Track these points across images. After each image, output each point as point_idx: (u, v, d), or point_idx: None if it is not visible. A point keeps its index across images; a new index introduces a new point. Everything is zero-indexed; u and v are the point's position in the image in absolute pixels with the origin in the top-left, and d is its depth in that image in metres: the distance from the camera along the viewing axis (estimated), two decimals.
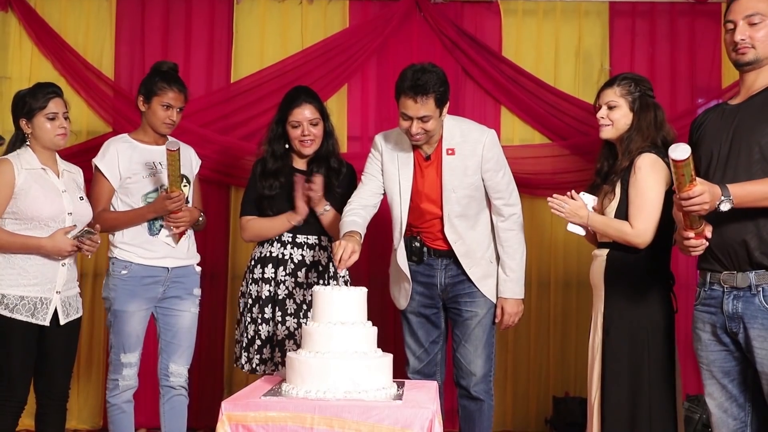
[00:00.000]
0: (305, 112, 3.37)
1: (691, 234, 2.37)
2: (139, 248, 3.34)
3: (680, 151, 2.15)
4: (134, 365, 3.33)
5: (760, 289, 2.41)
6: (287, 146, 3.45)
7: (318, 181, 3.32)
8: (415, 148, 3.27)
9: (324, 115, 3.45)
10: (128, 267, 3.32)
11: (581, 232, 3.05)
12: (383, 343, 2.77)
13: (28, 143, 3.18)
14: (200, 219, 3.46)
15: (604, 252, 2.97)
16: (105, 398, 3.37)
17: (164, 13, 4.61)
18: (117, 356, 3.32)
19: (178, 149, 3.10)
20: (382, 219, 3.51)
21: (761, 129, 2.43)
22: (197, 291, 3.49)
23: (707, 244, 2.41)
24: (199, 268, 3.53)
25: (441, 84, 3.10)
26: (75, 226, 3.15)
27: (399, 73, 3.23)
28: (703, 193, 2.23)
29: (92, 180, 3.40)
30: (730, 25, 2.51)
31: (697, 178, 2.27)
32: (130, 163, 3.35)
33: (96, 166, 3.36)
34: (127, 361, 3.32)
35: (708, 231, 2.38)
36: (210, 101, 4.56)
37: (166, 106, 3.34)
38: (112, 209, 3.37)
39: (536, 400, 4.60)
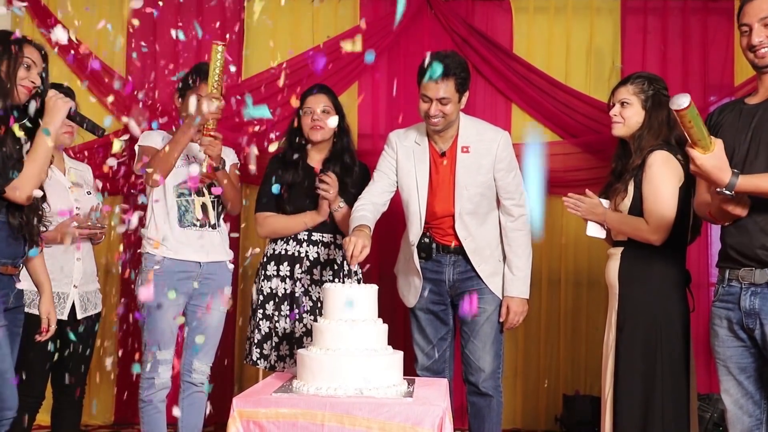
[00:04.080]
0: (317, 100, 3.43)
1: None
2: (171, 240, 3.30)
3: (679, 101, 2.18)
4: (169, 362, 3.29)
5: None
6: (302, 141, 3.47)
7: (330, 179, 3.33)
8: (431, 141, 3.30)
9: (339, 110, 3.48)
10: (160, 262, 3.27)
11: (602, 235, 3.06)
12: (394, 341, 2.78)
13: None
14: (220, 166, 3.30)
15: (619, 250, 2.98)
16: (139, 396, 3.32)
17: (176, 12, 4.59)
18: (153, 354, 3.28)
19: (225, 44, 3.04)
20: (392, 216, 3.52)
21: None
22: (228, 289, 3.44)
23: (744, 211, 2.41)
24: (231, 266, 3.50)
25: (462, 70, 3.16)
26: (78, 214, 3.19)
27: (413, 67, 3.31)
28: (699, 162, 2.28)
29: (139, 157, 3.34)
30: (745, 29, 2.48)
31: (718, 144, 2.31)
32: None
33: (139, 146, 3.34)
34: (163, 358, 3.28)
35: (742, 209, 2.41)
36: None
37: None
38: (149, 200, 3.34)
39: (546, 398, 4.61)
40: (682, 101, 2.17)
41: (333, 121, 3.29)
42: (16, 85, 2.51)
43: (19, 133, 2.51)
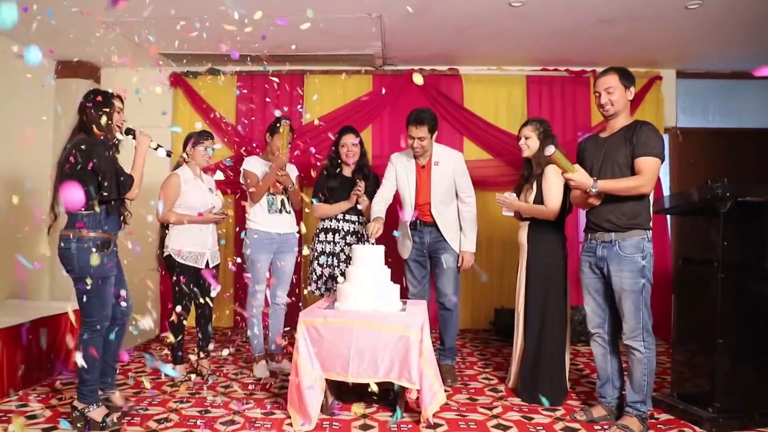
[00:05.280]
0: (349, 138, 3.37)
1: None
2: (263, 221, 3.28)
3: (548, 150, 2.33)
4: (262, 292, 3.27)
5: (616, 242, 2.46)
6: (339, 161, 3.43)
7: (362, 185, 3.32)
8: (416, 159, 3.25)
9: (361, 142, 3.44)
10: (257, 233, 3.26)
11: (511, 214, 3.05)
12: (394, 278, 2.80)
13: (187, 161, 3.24)
14: (291, 186, 3.32)
15: (527, 223, 2.98)
16: (245, 311, 3.31)
17: (264, 84, 4.57)
18: (253, 287, 3.25)
19: (289, 123, 3.16)
20: (393, 208, 3.47)
21: (618, 153, 2.46)
22: (296, 249, 3.41)
23: (597, 204, 2.48)
24: (298, 234, 3.42)
25: (432, 119, 3.12)
26: (213, 207, 3.21)
27: (404, 116, 3.22)
28: (574, 180, 2.41)
29: (243, 177, 3.32)
30: (597, 94, 2.51)
31: (578, 168, 2.41)
32: (259, 173, 3.33)
33: (245, 169, 3.31)
34: (259, 289, 3.26)
35: (596, 201, 2.48)
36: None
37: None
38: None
39: (485, 310, 4.60)
40: (549, 150, 2.30)
41: (363, 160, 3.36)
42: None
43: None
